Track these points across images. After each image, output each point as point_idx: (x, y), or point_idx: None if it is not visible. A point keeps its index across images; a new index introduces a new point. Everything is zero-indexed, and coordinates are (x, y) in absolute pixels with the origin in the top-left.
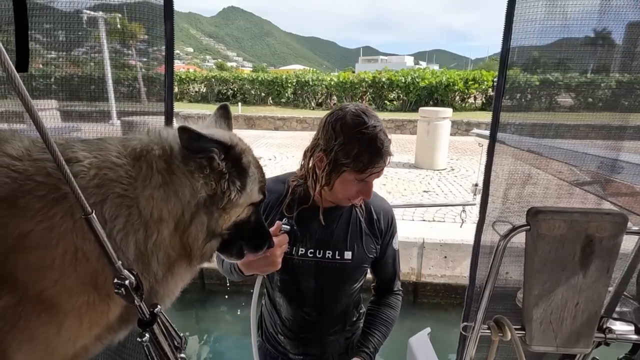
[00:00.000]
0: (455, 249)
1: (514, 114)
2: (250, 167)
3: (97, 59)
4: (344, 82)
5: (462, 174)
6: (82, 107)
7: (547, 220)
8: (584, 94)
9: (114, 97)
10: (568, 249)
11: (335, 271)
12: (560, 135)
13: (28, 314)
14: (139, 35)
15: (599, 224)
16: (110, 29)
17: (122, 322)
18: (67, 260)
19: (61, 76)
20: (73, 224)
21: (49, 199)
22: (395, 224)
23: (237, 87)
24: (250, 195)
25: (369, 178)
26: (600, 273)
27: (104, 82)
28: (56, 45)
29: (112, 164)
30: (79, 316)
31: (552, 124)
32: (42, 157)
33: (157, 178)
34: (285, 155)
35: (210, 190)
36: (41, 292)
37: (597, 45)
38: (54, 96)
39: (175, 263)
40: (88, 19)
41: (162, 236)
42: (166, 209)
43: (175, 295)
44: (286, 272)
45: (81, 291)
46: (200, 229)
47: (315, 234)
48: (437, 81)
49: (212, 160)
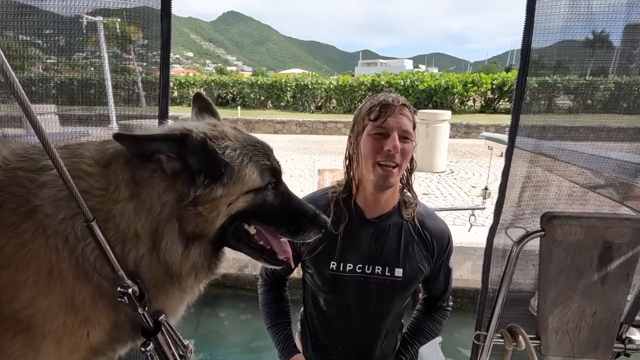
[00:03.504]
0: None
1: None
2: (226, 152)
3: (96, 63)
4: (343, 85)
5: (461, 177)
6: (82, 111)
7: (563, 225)
8: (598, 96)
9: (113, 100)
10: (585, 256)
11: (384, 288)
12: (577, 138)
13: (4, 335)
14: (137, 40)
15: (618, 229)
16: (109, 33)
17: (112, 344)
18: (40, 280)
19: (60, 80)
20: (46, 241)
21: (20, 212)
22: (451, 245)
23: (236, 91)
24: (243, 181)
25: (386, 124)
26: (619, 281)
27: (103, 86)
28: (55, 49)
29: (83, 172)
30: (57, 340)
31: (569, 126)
32: (18, 166)
33: (124, 191)
34: (284, 158)
35: (175, 192)
36: (16, 313)
37: (611, 47)
38: (52, 100)
39: (163, 283)
40: (87, 24)
41: (139, 254)
42: (139, 224)
43: (178, 314)
44: (333, 288)
45: (57, 313)
46: (173, 238)
47: (364, 248)
48: (436, 84)
49: (162, 162)
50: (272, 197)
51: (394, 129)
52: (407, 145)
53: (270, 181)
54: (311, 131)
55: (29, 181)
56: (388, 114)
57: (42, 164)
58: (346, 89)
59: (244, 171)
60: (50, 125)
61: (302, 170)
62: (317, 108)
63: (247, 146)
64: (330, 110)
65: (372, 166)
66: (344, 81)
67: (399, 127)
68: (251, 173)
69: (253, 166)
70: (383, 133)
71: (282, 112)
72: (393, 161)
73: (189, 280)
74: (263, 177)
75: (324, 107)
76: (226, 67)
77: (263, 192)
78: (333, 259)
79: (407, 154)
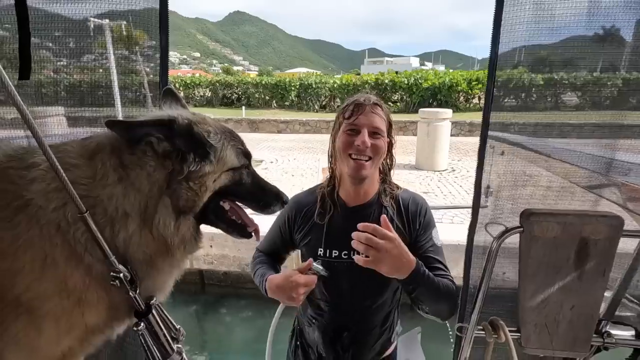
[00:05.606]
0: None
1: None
2: (210, 136)
3: (104, 65)
4: (346, 84)
5: (462, 175)
6: (90, 112)
7: (540, 222)
8: (580, 93)
9: (120, 102)
10: (562, 252)
11: (371, 271)
12: (553, 135)
13: (8, 317)
14: (144, 42)
15: (594, 226)
16: (116, 36)
17: (110, 322)
18: (36, 266)
19: (69, 82)
20: (40, 231)
21: (13, 206)
22: (429, 215)
23: (241, 91)
24: (224, 160)
25: (357, 121)
26: (596, 276)
27: (110, 88)
28: (65, 52)
29: (69, 165)
30: (55, 320)
31: (546, 123)
32: (8, 165)
33: (112, 175)
34: (287, 158)
35: (166, 170)
36: (17, 297)
37: (586, 45)
38: (62, 102)
39: (155, 258)
40: (94, 27)
41: (129, 232)
42: (129, 203)
43: (167, 289)
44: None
45: (53, 295)
46: (166, 213)
47: (348, 235)
48: (440, 82)
49: (152, 144)
50: (246, 176)
51: (365, 126)
52: (378, 141)
53: (244, 163)
54: (314, 130)
55: (19, 178)
56: (360, 112)
57: (30, 162)
58: (350, 87)
59: (224, 152)
60: (59, 127)
61: (304, 170)
62: (321, 107)
63: (225, 132)
64: (335, 109)
65: (346, 159)
66: (348, 80)
67: (370, 125)
68: (230, 154)
69: (231, 148)
70: (355, 130)
71: (287, 111)
72: (365, 155)
73: (178, 252)
74: (239, 159)
75: (328, 107)
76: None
77: (239, 171)
78: (321, 246)
79: (378, 148)
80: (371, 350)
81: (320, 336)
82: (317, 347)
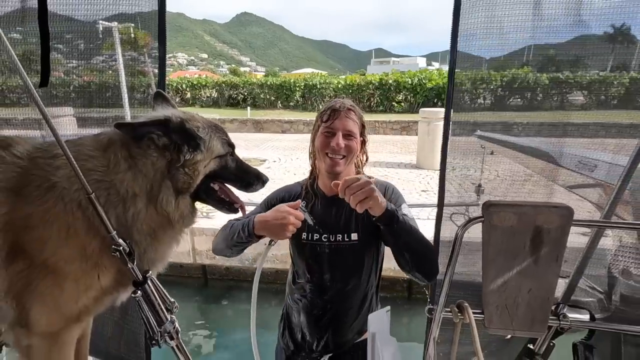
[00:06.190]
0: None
1: (462, 114)
2: (199, 130)
3: (113, 67)
4: (350, 84)
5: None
6: (98, 113)
7: (499, 212)
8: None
9: (128, 103)
10: (519, 240)
11: (346, 252)
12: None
13: (37, 277)
14: (152, 44)
15: (547, 216)
16: (124, 38)
17: (117, 286)
18: (61, 235)
19: (79, 84)
20: (64, 206)
21: (43, 187)
22: (397, 194)
23: (247, 92)
24: (212, 150)
25: (332, 125)
26: (549, 262)
27: (118, 89)
28: (76, 54)
29: (87, 156)
30: (76, 280)
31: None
32: (37, 155)
33: (123, 164)
34: (290, 157)
35: (166, 159)
36: (45, 260)
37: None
38: (72, 103)
39: (157, 230)
40: (103, 29)
41: (137, 209)
42: (137, 186)
43: (166, 259)
44: (306, 257)
45: (75, 259)
46: (168, 193)
47: (327, 221)
48: (444, 82)
49: (154, 139)
50: (230, 162)
51: (339, 129)
52: (351, 142)
53: (228, 151)
54: None
55: (47, 165)
56: (335, 117)
57: (54, 152)
58: (354, 88)
59: (212, 142)
60: (70, 127)
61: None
62: None
63: (211, 126)
64: None
65: (323, 157)
66: (352, 80)
67: (344, 128)
68: (217, 144)
69: (217, 140)
70: (331, 132)
71: (292, 112)
72: (339, 154)
73: (178, 225)
74: (224, 147)
75: None
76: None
77: (225, 157)
78: (304, 231)
79: (351, 148)
80: (350, 330)
81: (305, 317)
82: (302, 328)
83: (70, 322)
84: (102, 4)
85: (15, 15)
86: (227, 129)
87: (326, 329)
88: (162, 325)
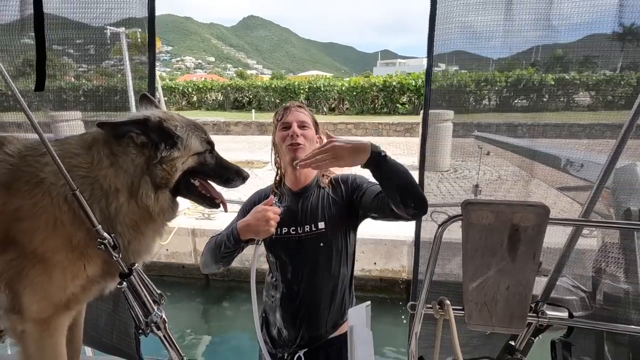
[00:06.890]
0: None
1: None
2: (177, 129)
3: (121, 71)
4: (355, 86)
5: (464, 175)
6: (106, 117)
7: (477, 210)
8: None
9: (135, 106)
10: (496, 237)
11: (315, 242)
12: (511, 133)
13: (27, 266)
14: (160, 47)
15: (523, 214)
16: (131, 42)
17: (105, 276)
18: (49, 227)
19: (88, 88)
20: (51, 200)
21: (32, 182)
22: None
23: (252, 95)
24: (189, 147)
25: (286, 119)
26: (527, 259)
27: (126, 92)
28: (86, 58)
29: (72, 153)
30: (63, 269)
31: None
32: (28, 154)
33: (106, 161)
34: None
35: (144, 156)
36: (34, 250)
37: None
38: (81, 107)
39: (140, 223)
40: (112, 34)
41: (119, 202)
42: (119, 181)
43: (151, 250)
44: (278, 253)
45: (61, 249)
46: (148, 187)
47: (294, 215)
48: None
49: (133, 137)
50: (209, 159)
51: (293, 121)
52: (306, 131)
53: (207, 148)
54: None
55: (36, 162)
56: (288, 113)
57: (43, 150)
58: (358, 90)
59: (189, 140)
60: (77, 131)
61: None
62: (330, 110)
63: (190, 125)
64: (344, 111)
65: (285, 150)
66: (356, 83)
67: (296, 119)
68: (195, 142)
69: (195, 138)
70: (286, 126)
71: None
72: (297, 142)
73: (159, 218)
74: (202, 145)
75: (337, 109)
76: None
77: (203, 155)
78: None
79: (308, 136)
80: (323, 326)
81: (280, 314)
82: (278, 324)
83: (60, 309)
84: (100, 10)
85: (16, 23)
86: (232, 131)
87: (301, 324)
88: (149, 315)
